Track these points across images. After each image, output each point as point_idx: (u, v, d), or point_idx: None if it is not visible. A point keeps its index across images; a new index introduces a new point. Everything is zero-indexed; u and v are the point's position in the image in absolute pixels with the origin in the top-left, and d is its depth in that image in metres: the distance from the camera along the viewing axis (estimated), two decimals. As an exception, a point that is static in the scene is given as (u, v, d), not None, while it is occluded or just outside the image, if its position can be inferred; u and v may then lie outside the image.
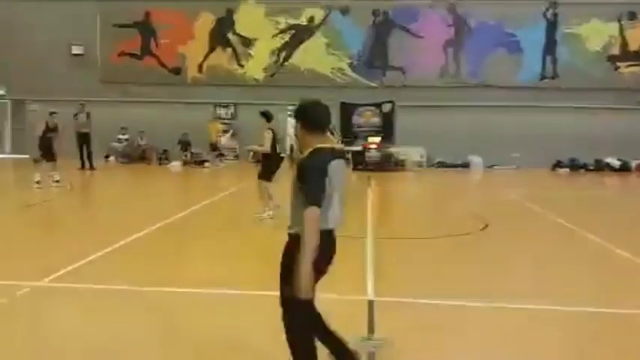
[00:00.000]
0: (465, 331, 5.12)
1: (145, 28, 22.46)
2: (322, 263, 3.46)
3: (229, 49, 22.38)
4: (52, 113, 14.80)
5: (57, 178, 13.87)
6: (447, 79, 21.92)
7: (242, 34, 22.31)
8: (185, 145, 21.18)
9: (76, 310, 5.55)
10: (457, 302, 5.69)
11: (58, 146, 14.33)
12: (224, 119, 22.47)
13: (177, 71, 22.46)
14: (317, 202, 3.33)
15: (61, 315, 5.41)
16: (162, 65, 22.43)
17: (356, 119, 22.12)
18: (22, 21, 22.24)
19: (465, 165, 21.48)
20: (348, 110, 22.02)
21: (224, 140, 22.05)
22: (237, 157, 22.44)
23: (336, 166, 3.49)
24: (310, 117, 3.61)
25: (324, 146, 3.55)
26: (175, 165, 20.36)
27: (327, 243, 3.48)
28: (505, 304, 5.71)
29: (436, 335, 4.89)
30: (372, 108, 22.09)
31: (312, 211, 3.31)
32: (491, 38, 21.55)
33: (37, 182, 13.53)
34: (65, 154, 16.45)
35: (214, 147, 20.65)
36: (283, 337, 3.64)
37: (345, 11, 21.99)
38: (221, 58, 22.42)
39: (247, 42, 22.31)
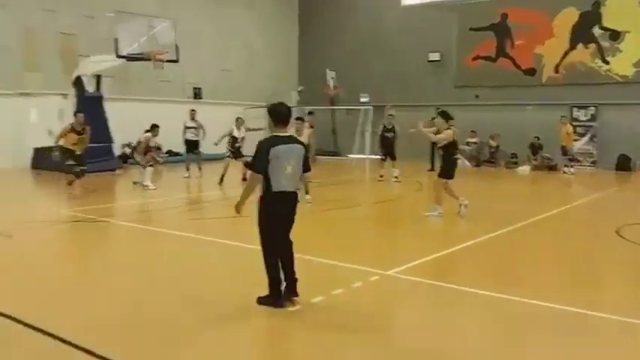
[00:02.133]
0: None
1: (501, 30, 22.10)
2: (277, 211, 5.02)
3: (592, 45, 20.30)
4: (389, 115, 15.77)
5: (395, 174, 14.97)
6: None
7: (610, 27, 19.97)
8: (536, 148, 20.10)
9: (409, 302, 5.60)
10: None
11: (398, 145, 15.36)
12: (582, 121, 20.50)
13: (531, 72, 21.45)
14: (256, 169, 4.95)
15: (392, 305, 5.56)
16: (517, 67, 21.73)
17: None
18: (386, 31, 24.44)
19: None
20: None
21: (579, 144, 20.13)
22: (594, 163, 20.26)
23: (282, 149, 4.92)
24: (273, 114, 5.09)
25: (279, 134, 5.03)
26: (524, 169, 19.51)
27: (279, 200, 4.98)
28: None
29: None
30: None
31: (252, 174, 5.08)
32: None
33: (381, 176, 15.22)
34: (414, 156, 17.40)
35: (565, 151, 18.98)
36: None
37: None
38: (582, 55, 20.50)
39: (615, 35, 19.86)
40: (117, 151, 18.35)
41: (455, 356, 4.25)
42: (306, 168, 5.23)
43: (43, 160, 17.13)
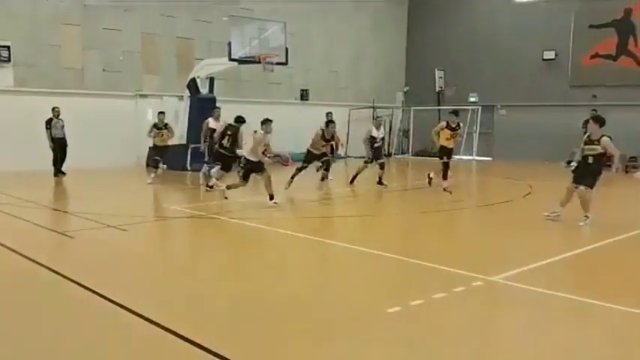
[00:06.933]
0: None
1: (624, 27, 20.65)
2: None
3: None
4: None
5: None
6: None
7: None
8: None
9: (511, 310, 5.40)
10: None
11: None
12: None
13: (658, 70, 19.88)
14: None
15: (493, 313, 5.37)
16: (639, 65, 20.23)
17: None
18: (499, 28, 23.61)
19: None
20: None
21: None
22: None
23: None
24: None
25: None
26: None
27: None
28: None
29: None
30: None
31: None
32: None
33: None
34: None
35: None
36: None
37: None
38: None
39: None
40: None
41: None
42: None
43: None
